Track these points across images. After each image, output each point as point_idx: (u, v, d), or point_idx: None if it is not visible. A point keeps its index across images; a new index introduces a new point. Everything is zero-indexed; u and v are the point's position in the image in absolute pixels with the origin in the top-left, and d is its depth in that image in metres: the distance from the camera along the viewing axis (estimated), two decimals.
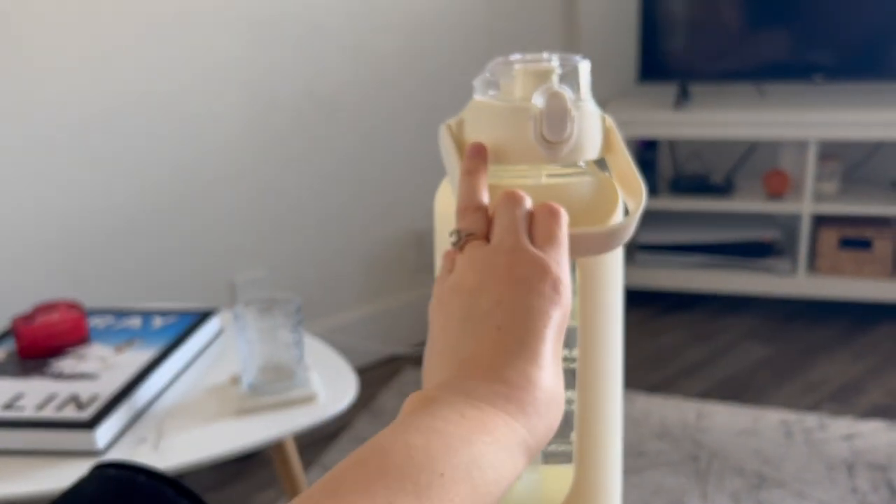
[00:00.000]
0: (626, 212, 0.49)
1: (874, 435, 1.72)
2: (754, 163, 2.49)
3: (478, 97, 0.50)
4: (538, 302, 0.39)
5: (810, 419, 1.79)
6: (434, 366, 0.41)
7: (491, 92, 0.49)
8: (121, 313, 1.23)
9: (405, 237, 2.23)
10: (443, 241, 0.50)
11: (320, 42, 1.96)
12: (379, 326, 2.15)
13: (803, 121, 2.20)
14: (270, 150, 1.93)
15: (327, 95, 2.01)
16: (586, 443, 0.48)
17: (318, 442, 1.79)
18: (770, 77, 2.40)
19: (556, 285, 0.40)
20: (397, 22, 2.10)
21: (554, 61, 0.48)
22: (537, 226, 0.43)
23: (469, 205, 0.45)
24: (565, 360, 0.52)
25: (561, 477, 0.51)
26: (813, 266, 2.33)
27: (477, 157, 0.47)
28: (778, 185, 2.33)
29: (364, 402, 1.94)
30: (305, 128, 1.98)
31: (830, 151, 2.33)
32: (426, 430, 0.34)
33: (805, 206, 2.25)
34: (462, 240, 0.44)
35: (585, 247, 0.45)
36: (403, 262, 2.23)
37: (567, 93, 0.46)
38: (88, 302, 1.25)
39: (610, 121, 0.50)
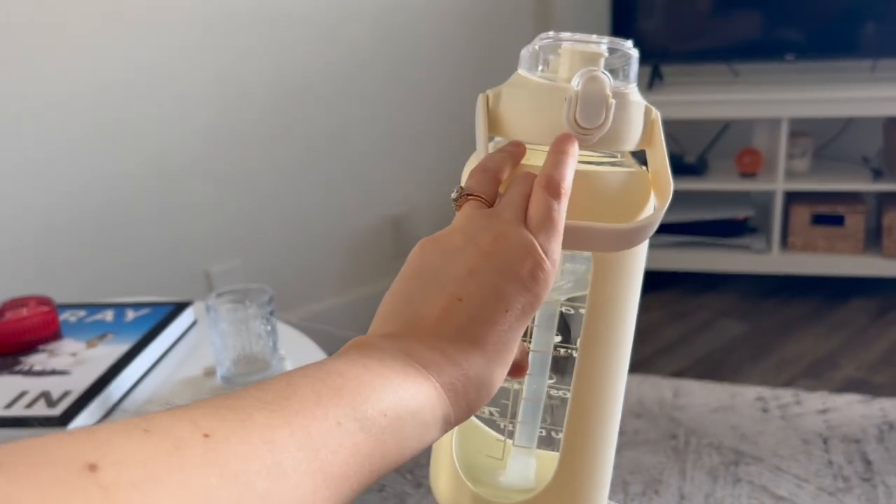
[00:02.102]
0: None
1: (848, 408, 1.75)
2: (727, 142, 2.50)
3: (521, 71, 0.48)
4: (508, 285, 0.38)
5: (786, 395, 1.82)
6: (387, 310, 0.40)
7: (539, 68, 0.47)
8: (93, 307, 1.22)
9: (381, 224, 2.22)
10: None
11: (291, 29, 1.94)
12: (357, 314, 2.15)
13: (776, 99, 2.21)
14: (243, 139, 1.91)
15: (299, 83, 1.99)
16: (575, 433, 0.48)
17: None
18: (742, 57, 2.41)
19: (534, 271, 0.39)
20: (368, 7, 2.08)
21: (603, 45, 0.46)
22: (535, 202, 0.41)
23: (482, 167, 0.44)
24: (564, 347, 0.52)
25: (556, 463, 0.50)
26: (786, 243, 2.35)
27: (519, 146, 0.46)
28: (751, 163, 2.35)
29: None
30: (278, 116, 1.97)
31: (802, 129, 2.35)
32: (380, 371, 0.34)
33: (778, 184, 2.27)
34: (462, 197, 0.43)
35: (602, 242, 0.43)
36: (380, 248, 2.23)
37: (608, 79, 0.44)
38: (62, 297, 1.24)
39: (656, 114, 0.49)
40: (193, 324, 1.21)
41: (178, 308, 1.19)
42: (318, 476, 0.29)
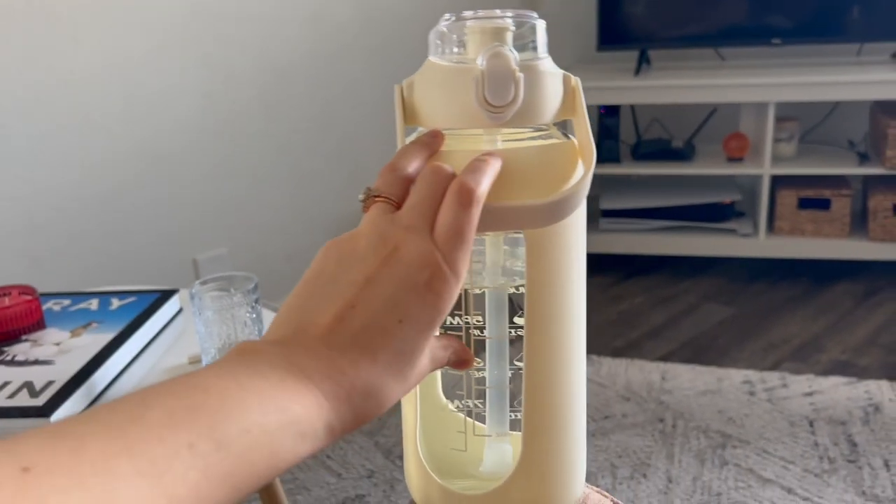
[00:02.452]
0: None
1: (834, 391, 1.76)
2: (715, 127, 2.51)
3: (431, 56, 0.47)
4: (405, 295, 0.37)
5: (772, 378, 1.83)
6: (282, 314, 0.39)
7: (455, 50, 0.46)
8: (77, 296, 1.21)
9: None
10: None
11: (276, 14, 1.93)
12: None
13: (762, 83, 2.21)
14: (229, 127, 1.90)
15: (285, 68, 1.97)
16: (534, 414, 0.47)
17: None
18: (729, 41, 2.41)
19: (432, 283, 0.38)
20: None
21: (507, 19, 0.45)
22: (444, 211, 0.40)
23: (391, 166, 0.43)
24: (512, 326, 0.51)
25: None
26: (773, 227, 2.36)
27: (435, 136, 0.45)
28: (738, 147, 2.36)
29: None
30: (263, 103, 1.95)
31: (789, 113, 2.35)
32: (246, 385, 0.33)
33: (765, 168, 2.28)
34: (369, 198, 0.42)
35: (526, 219, 0.43)
36: None
37: (512, 54, 0.43)
38: (49, 287, 1.23)
39: (576, 81, 0.47)
40: (179, 312, 1.20)
41: (164, 296, 1.19)
42: (162, 502, 0.27)
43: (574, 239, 0.46)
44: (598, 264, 2.48)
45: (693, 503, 1.43)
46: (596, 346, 2.02)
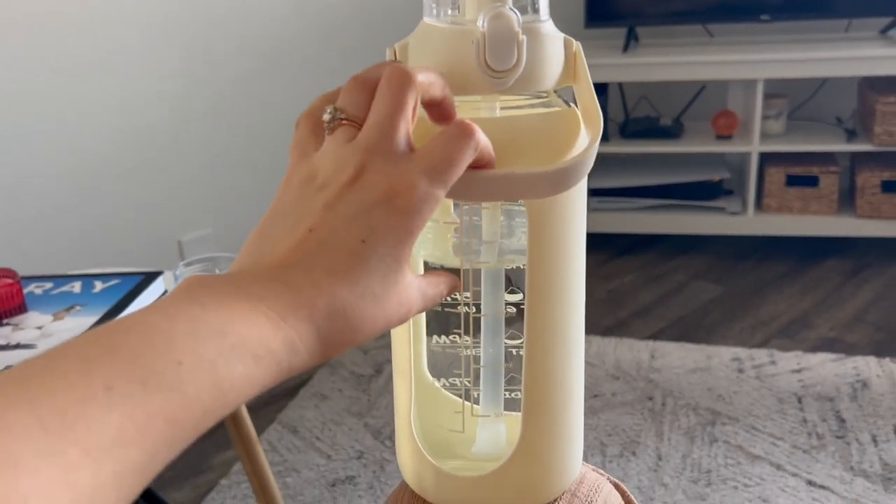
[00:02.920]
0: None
1: (822, 367, 1.77)
2: (703, 104, 2.49)
3: (426, 18, 0.44)
4: (368, 216, 0.35)
5: (761, 355, 1.83)
6: (243, 251, 0.37)
7: (449, 11, 0.43)
8: (59, 279, 1.19)
9: None
10: None
11: None
12: None
13: (751, 60, 2.20)
14: (213, 108, 1.87)
15: (268, 49, 1.94)
16: (534, 390, 0.46)
17: (276, 398, 1.78)
18: (717, 18, 2.39)
19: (394, 201, 0.35)
20: None
21: None
22: (437, 142, 0.37)
23: (360, 80, 0.39)
24: (514, 304, 0.50)
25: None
26: (761, 204, 2.36)
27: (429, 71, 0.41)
28: (726, 125, 2.35)
29: None
30: (247, 83, 1.92)
31: (777, 90, 2.34)
32: (175, 315, 0.29)
33: (753, 146, 2.27)
34: (335, 120, 0.39)
35: (532, 188, 0.41)
36: None
37: (515, 15, 0.40)
38: (30, 270, 1.21)
39: (577, 46, 0.45)
40: (164, 294, 1.19)
41: (148, 278, 1.17)
42: (74, 451, 0.24)
43: (576, 211, 0.45)
44: (587, 243, 2.46)
45: (682, 480, 1.43)
46: (585, 324, 2.01)
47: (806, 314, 2.02)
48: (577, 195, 0.44)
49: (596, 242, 2.47)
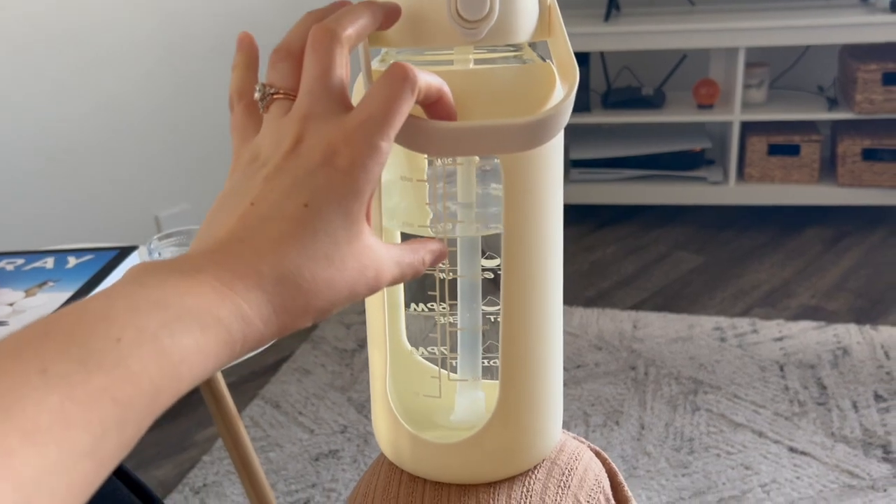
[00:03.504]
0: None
1: (803, 335, 1.77)
2: (685, 73, 2.48)
3: None
4: (308, 179, 0.34)
5: (743, 323, 1.83)
6: (194, 240, 0.36)
7: None
8: (31, 255, 1.16)
9: None
10: None
11: None
12: None
13: (732, 28, 2.19)
14: (189, 82, 1.84)
15: (246, 20, 1.91)
16: (511, 354, 0.45)
17: (258, 374, 1.77)
18: None
19: (334, 160, 0.34)
20: None
21: None
22: (371, 92, 0.35)
23: (284, 49, 0.38)
24: (488, 270, 0.49)
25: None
26: (742, 174, 2.36)
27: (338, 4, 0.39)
28: (708, 94, 2.34)
29: (304, 332, 1.92)
30: (223, 57, 1.89)
31: (759, 59, 2.33)
32: (113, 295, 0.29)
33: (735, 115, 2.26)
34: (267, 97, 0.38)
35: (507, 141, 0.39)
36: None
37: None
38: (5, 246, 1.18)
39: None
40: None
41: (123, 253, 1.15)
42: (12, 437, 0.23)
43: (552, 170, 0.44)
44: (569, 215, 2.45)
45: (665, 449, 1.44)
46: (568, 296, 2.01)
47: (787, 282, 2.03)
48: (553, 154, 0.43)
49: (578, 214, 2.46)
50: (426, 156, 0.45)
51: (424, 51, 0.43)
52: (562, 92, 0.43)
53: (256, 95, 0.38)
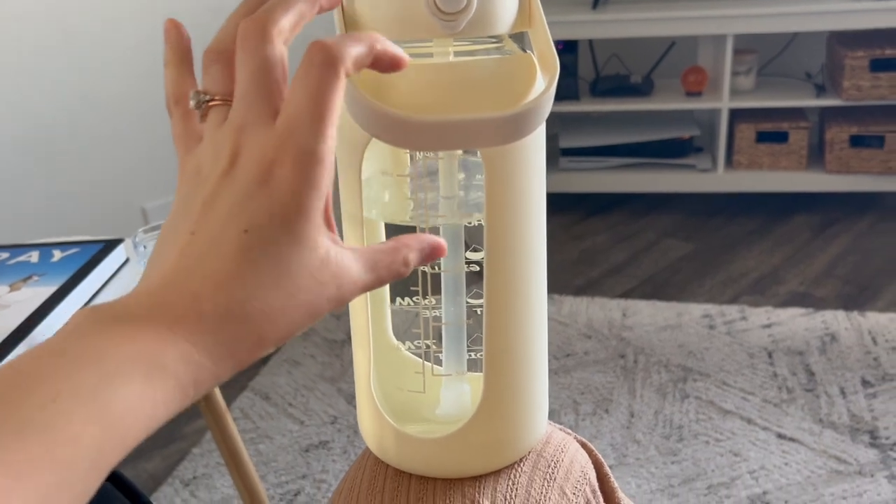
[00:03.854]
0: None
1: (792, 322, 1.78)
2: (673, 61, 2.47)
3: None
4: (246, 201, 0.31)
5: (731, 311, 1.84)
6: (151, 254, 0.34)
7: None
8: (16, 248, 1.15)
9: None
10: (341, 133, 0.44)
11: None
12: None
13: (721, 15, 2.18)
14: None
15: (230, 6, 1.89)
16: (495, 347, 0.45)
17: (248, 366, 1.76)
18: None
19: (270, 176, 0.31)
20: None
21: None
22: (293, 88, 0.32)
23: (214, 51, 0.35)
24: (474, 262, 0.48)
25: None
26: (731, 161, 2.36)
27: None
28: (696, 82, 2.33)
29: None
30: (208, 39, 1.87)
31: (747, 46, 2.33)
32: (51, 350, 0.27)
33: (723, 102, 2.26)
34: (202, 104, 0.35)
35: (488, 134, 0.39)
36: None
37: None
38: None
39: None
40: (126, 262, 1.16)
41: (109, 246, 1.14)
42: None
43: (535, 163, 0.43)
44: (558, 204, 2.47)
45: (655, 436, 1.44)
46: (557, 285, 2.02)
47: (776, 270, 2.04)
48: (535, 146, 0.43)
49: (567, 203, 2.46)
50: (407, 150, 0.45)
51: (404, 44, 0.43)
52: (543, 83, 0.43)
53: (192, 104, 0.35)
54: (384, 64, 0.35)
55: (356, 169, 0.43)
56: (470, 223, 0.47)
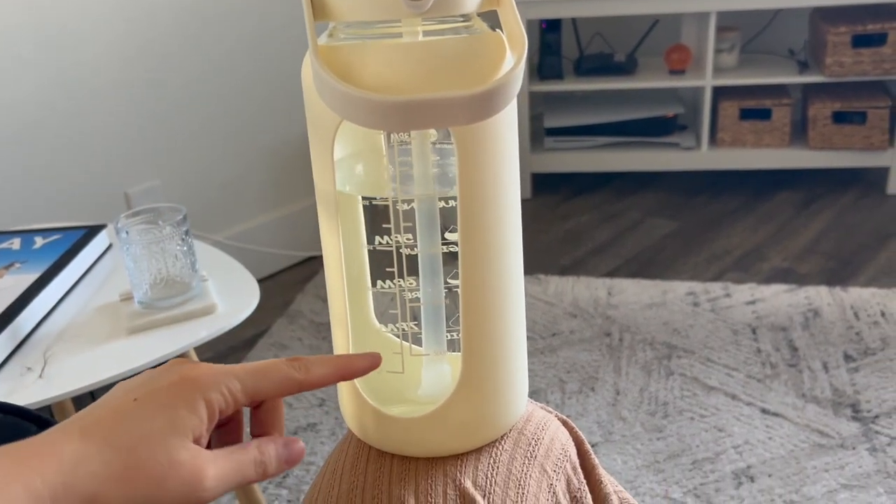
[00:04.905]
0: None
1: (775, 298, 1.80)
2: (656, 39, 2.47)
3: None
4: (142, 385, 0.38)
5: (715, 288, 1.85)
6: None
7: None
8: None
9: (306, 137, 2.15)
10: (312, 114, 0.45)
11: None
12: (290, 229, 2.10)
13: None
14: (156, 53, 1.81)
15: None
16: (472, 325, 0.46)
17: (236, 349, 1.76)
18: None
19: (178, 381, 0.38)
20: None
21: None
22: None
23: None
24: (452, 243, 0.49)
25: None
26: (715, 139, 2.36)
27: None
28: (680, 59, 2.33)
29: (281, 306, 1.91)
30: (191, 27, 1.85)
31: (730, 23, 2.33)
32: None
33: (707, 80, 2.26)
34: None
35: (457, 113, 0.39)
36: (307, 161, 2.16)
37: None
38: None
39: None
40: (109, 248, 1.16)
41: (91, 232, 1.14)
42: None
43: (507, 141, 0.43)
44: (543, 183, 2.47)
45: (640, 413, 1.46)
46: (543, 264, 2.02)
47: (759, 246, 2.05)
48: (507, 124, 0.43)
49: (552, 183, 2.46)
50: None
51: (373, 24, 0.43)
52: (511, 61, 0.43)
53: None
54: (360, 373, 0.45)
55: (328, 148, 0.43)
56: (447, 202, 0.47)
